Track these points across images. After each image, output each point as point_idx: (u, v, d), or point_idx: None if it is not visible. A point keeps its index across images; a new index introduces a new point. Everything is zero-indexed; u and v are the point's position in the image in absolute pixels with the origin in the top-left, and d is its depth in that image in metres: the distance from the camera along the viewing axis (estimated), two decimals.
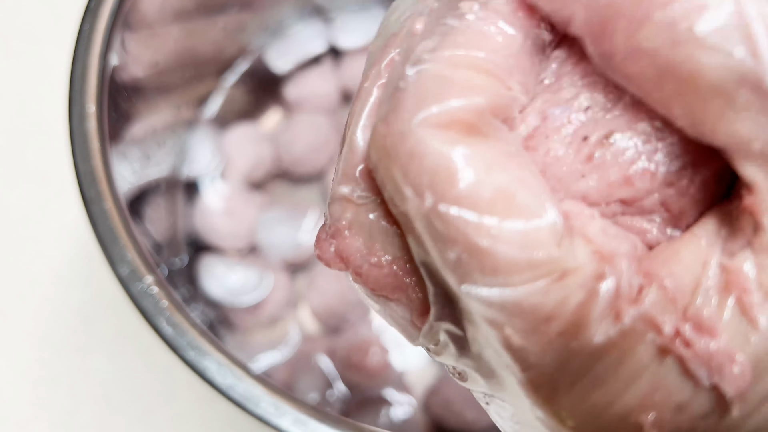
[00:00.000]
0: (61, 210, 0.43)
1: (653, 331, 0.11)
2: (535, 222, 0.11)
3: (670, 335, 0.11)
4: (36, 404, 0.40)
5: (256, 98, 0.46)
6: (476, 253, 0.11)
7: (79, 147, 0.30)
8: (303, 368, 0.40)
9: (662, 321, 0.11)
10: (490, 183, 0.11)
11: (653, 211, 0.12)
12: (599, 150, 0.12)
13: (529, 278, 0.11)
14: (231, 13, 0.41)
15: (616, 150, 0.12)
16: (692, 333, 0.11)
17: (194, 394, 0.40)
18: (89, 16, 0.31)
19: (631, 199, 0.12)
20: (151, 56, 0.37)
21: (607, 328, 0.11)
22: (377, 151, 0.12)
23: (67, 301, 0.42)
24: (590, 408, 0.11)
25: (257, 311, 0.40)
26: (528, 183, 0.11)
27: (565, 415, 0.11)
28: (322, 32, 0.45)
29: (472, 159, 0.11)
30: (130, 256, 0.29)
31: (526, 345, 0.11)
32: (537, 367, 0.11)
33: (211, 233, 0.41)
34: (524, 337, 0.11)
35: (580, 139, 0.12)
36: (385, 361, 0.39)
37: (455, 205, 0.11)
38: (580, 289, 0.11)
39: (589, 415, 0.11)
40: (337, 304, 0.40)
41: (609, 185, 0.12)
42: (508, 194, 0.11)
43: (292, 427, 0.27)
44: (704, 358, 0.11)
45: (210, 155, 0.43)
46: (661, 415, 0.11)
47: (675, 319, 0.11)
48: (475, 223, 0.11)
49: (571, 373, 0.11)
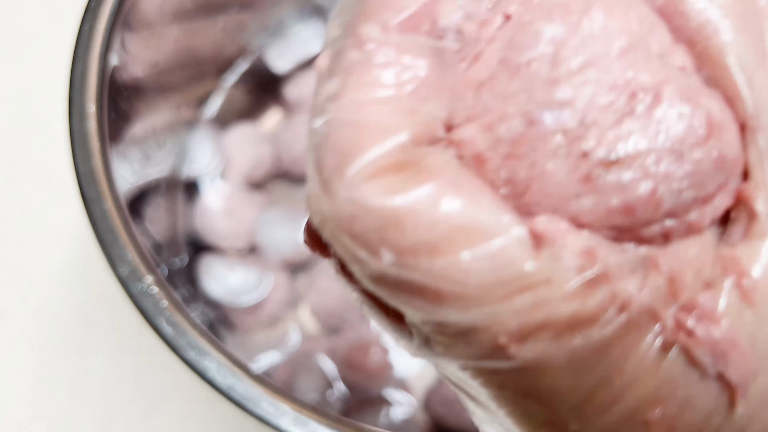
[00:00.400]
0: (61, 210, 0.43)
1: (656, 324, 0.11)
2: (500, 240, 0.10)
3: (672, 327, 0.11)
4: (36, 404, 0.40)
5: (256, 98, 0.46)
6: (450, 297, 0.10)
7: (79, 147, 0.30)
8: (303, 368, 0.40)
9: (664, 313, 0.11)
10: (442, 222, 0.10)
11: (651, 241, 0.11)
12: (600, 171, 0.11)
13: (508, 295, 0.10)
14: (231, 13, 0.41)
15: (620, 173, 0.11)
16: (694, 322, 0.11)
17: (194, 394, 0.40)
18: (89, 16, 0.31)
19: (629, 227, 0.11)
20: (151, 56, 0.37)
21: (605, 325, 0.10)
22: (318, 221, 0.11)
23: (67, 301, 0.42)
24: (596, 409, 0.11)
25: (257, 311, 0.40)
26: (479, 204, 0.11)
27: (567, 419, 0.11)
28: (322, 32, 0.45)
29: (415, 201, 0.10)
30: (130, 256, 0.29)
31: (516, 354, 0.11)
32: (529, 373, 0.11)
33: (211, 233, 0.41)
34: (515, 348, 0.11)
35: (578, 154, 0.11)
36: (385, 361, 0.39)
37: (411, 257, 0.10)
38: (569, 292, 0.10)
39: (595, 415, 0.11)
40: (337, 304, 0.40)
41: (607, 211, 0.11)
42: (463, 224, 0.10)
43: (292, 427, 0.27)
44: (709, 345, 0.11)
45: (210, 155, 0.43)
46: (668, 410, 0.11)
47: (676, 311, 0.11)
48: (441, 267, 0.10)
49: (572, 376, 0.11)
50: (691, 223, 0.11)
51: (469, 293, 0.10)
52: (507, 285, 0.10)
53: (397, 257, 0.10)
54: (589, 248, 0.11)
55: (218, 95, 0.44)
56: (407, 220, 0.10)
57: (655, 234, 0.11)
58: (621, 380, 0.11)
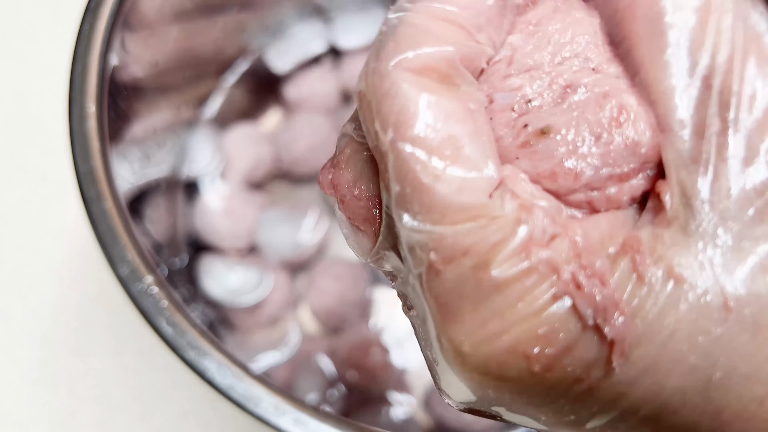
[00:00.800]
0: (61, 210, 0.43)
1: (553, 275, 0.12)
2: (475, 173, 0.12)
3: (566, 280, 0.12)
4: (36, 404, 0.40)
5: (256, 98, 0.46)
6: (418, 188, 0.12)
7: (79, 147, 0.30)
8: (303, 368, 0.40)
9: (563, 268, 0.12)
10: (444, 131, 0.12)
11: (578, 206, 0.14)
12: (534, 140, 0.13)
13: (459, 219, 0.12)
14: (231, 13, 0.41)
15: (549, 144, 0.13)
16: (585, 279, 0.12)
17: (194, 394, 0.40)
18: (89, 16, 0.31)
19: (555, 192, 0.13)
20: (151, 56, 0.37)
21: (513, 266, 0.12)
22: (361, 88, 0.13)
23: (67, 301, 0.42)
24: (485, 335, 0.12)
25: (257, 311, 0.40)
26: (478, 139, 0.13)
27: (462, 338, 0.12)
28: (322, 32, 0.45)
29: (435, 107, 0.12)
30: (130, 256, 0.29)
31: (442, 272, 0.12)
32: (446, 293, 0.13)
33: (211, 233, 0.41)
34: (441, 265, 0.12)
35: (521, 125, 0.14)
36: (385, 361, 0.39)
37: (409, 143, 0.12)
38: (499, 231, 0.12)
39: (483, 341, 0.12)
40: (337, 304, 0.40)
41: (538, 174, 0.13)
42: (458, 144, 0.12)
43: (292, 427, 0.27)
44: (591, 299, 0.12)
45: (210, 155, 0.43)
46: (548, 351, 0.12)
47: (574, 268, 0.12)
48: (423, 162, 0.12)
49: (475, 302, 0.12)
50: (610, 197, 0.13)
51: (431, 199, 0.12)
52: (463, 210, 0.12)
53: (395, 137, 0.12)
54: (531, 203, 0.13)
55: (218, 95, 0.44)
56: (420, 116, 0.12)
57: (580, 201, 0.13)
58: (512, 315, 0.12)
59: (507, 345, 0.12)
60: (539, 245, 0.12)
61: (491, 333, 0.12)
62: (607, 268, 0.12)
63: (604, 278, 0.12)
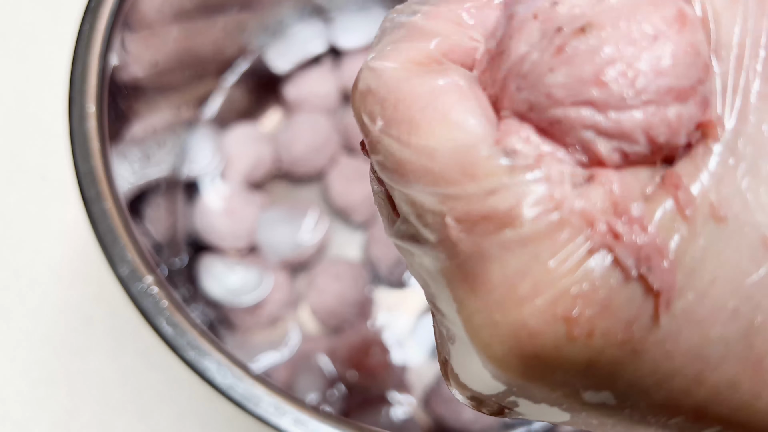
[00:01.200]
0: (61, 210, 0.43)
1: (588, 227, 0.11)
2: (465, 134, 0.12)
3: (602, 231, 0.11)
4: (36, 404, 0.40)
5: (256, 98, 0.46)
6: (418, 170, 0.12)
7: (79, 147, 0.30)
8: (303, 368, 0.40)
9: (598, 218, 0.11)
10: (429, 105, 0.12)
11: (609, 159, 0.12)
12: (573, 41, 0.11)
13: (466, 181, 0.12)
14: (231, 13, 0.41)
15: (592, 43, 0.11)
16: (623, 227, 0.11)
17: (194, 394, 0.40)
18: (89, 16, 0.31)
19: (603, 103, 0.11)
20: (151, 56, 0.37)
21: (541, 220, 0.11)
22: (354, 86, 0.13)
23: (67, 301, 0.42)
24: (516, 300, 0.11)
25: (257, 311, 0.40)
26: (465, 103, 0.12)
27: (492, 306, 0.11)
28: (322, 32, 0.45)
29: (419, 86, 0.12)
30: (130, 256, 0.29)
31: (460, 239, 0.12)
32: (468, 261, 0.12)
33: (211, 233, 0.41)
34: (458, 232, 0.12)
35: (553, 29, 0.12)
36: (386, 361, 0.39)
37: (397, 129, 0.12)
38: (516, 187, 0.11)
39: (514, 307, 0.11)
40: (337, 304, 0.40)
41: (580, 82, 0.11)
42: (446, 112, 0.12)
43: (292, 427, 0.27)
44: (633, 248, 0.11)
45: (210, 155, 0.43)
46: (588, 311, 0.11)
47: (610, 218, 0.11)
48: (416, 145, 0.12)
49: (501, 265, 0.11)
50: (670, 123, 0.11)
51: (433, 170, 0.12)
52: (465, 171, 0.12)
53: (385, 125, 0.12)
54: (540, 153, 0.11)
55: (218, 95, 0.44)
56: (406, 98, 0.12)
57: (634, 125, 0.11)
58: (545, 276, 0.11)
59: (541, 308, 0.11)
60: (568, 196, 0.11)
61: (523, 296, 0.11)
62: (645, 212, 0.11)
63: (643, 223, 0.11)
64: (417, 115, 0.12)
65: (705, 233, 0.11)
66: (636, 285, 0.11)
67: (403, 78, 0.12)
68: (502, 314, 0.11)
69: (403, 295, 0.42)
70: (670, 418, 0.12)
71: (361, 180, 0.42)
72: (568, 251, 0.11)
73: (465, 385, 0.13)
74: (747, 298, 0.11)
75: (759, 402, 0.12)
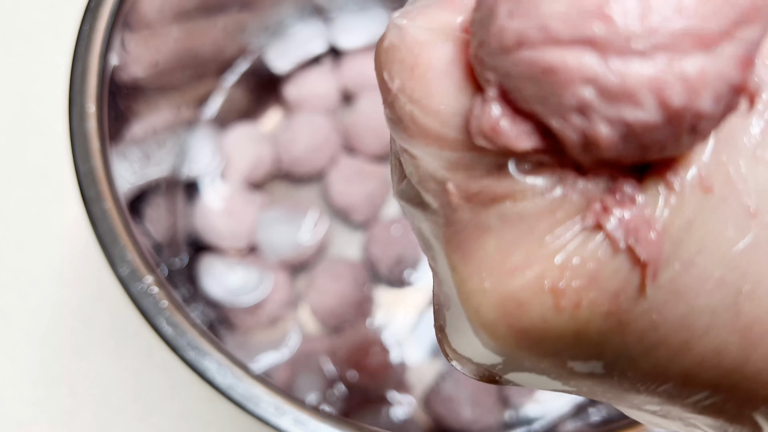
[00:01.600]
0: (61, 210, 0.43)
1: (586, 205, 0.11)
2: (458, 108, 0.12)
3: (597, 210, 0.11)
4: (36, 404, 0.40)
5: (256, 98, 0.46)
6: (427, 133, 0.12)
7: (79, 147, 0.30)
8: (303, 368, 0.40)
9: (596, 197, 0.11)
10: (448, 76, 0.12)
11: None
12: None
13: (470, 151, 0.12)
14: (231, 13, 0.41)
15: None
16: (612, 201, 0.11)
17: (194, 394, 0.40)
18: (89, 16, 0.31)
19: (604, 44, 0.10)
20: (151, 56, 0.37)
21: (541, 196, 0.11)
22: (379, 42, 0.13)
23: (67, 301, 0.42)
24: (507, 270, 0.11)
25: (257, 311, 0.40)
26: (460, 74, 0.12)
27: (483, 274, 0.12)
28: (322, 32, 0.45)
29: (438, 53, 0.12)
30: (130, 256, 0.29)
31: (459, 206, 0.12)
32: (464, 229, 0.12)
33: (211, 233, 0.41)
34: (458, 199, 0.12)
35: None
36: (385, 361, 0.39)
37: (411, 90, 0.12)
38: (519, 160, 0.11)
39: (504, 276, 0.11)
40: (337, 304, 0.40)
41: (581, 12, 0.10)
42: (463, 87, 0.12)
43: (292, 427, 0.27)
44: (621, 220, 0.11)
45: (210, 155, 0.43)
46: (575, 283, 0.11)
47: (604, 195, 0.11)
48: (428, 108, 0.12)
49: (497, 236, 0.12)
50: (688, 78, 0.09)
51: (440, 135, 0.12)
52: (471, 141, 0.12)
53: (401, 85, 0.12)
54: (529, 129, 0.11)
55: (218, 95, 0.44)
56: (424, 62, 0.12)
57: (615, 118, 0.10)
58: (538, 249, 0.11)
59: (530, 279, 0.11)
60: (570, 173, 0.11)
61: (514, 267, 0.11)
62: (635, 184, 0.11)
63: (633, 195, 0.11)
64: (432, 81, 0.12)
65: (692, 204, 0.11)
66: (623, 257, 0.11)
67: (425, 42, 0.12)
68: (492, 283, 0.12)
69: (403, 294, 0.42)
70: (659, 386, 0.12)
71: (361, 180, 0.42)
72: (565, 228, 0.11)
73: (457, 351, 0.13)
74: (733, 267, 0.11)
75: (747, 366, 0.12)
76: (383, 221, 0.42)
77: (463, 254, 0.12)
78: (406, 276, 0.42)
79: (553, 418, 0.40)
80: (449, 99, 0.12)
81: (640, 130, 0.10)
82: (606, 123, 0.10)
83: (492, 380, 0.14)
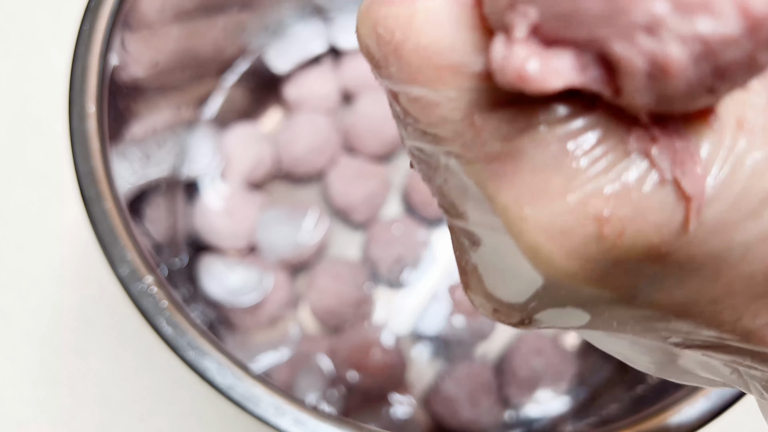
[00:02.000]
0: (61, 210, 0.43)
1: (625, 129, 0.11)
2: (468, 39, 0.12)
3: (640, 134, 0.11)
4: (36, 404, 0.40)
5: (256, 98, 0.46)
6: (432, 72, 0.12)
7: (79, 147, 0.30)
8: (303, 368, 0.40)
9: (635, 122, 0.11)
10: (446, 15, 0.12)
11: None
12: None
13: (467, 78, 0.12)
14: (231, 13, 0.41)
15: None
16: (658, 131, 0.11)
17: (194, 394, 0.40)
18: (89, 16, 0.31)
19: None
20: (151, 56, 0.37)
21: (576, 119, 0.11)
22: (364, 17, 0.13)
23: (67, 301, 0.42)
24: (547, 194, 0.11)
25: (257, 311, 0.40)
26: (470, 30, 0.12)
27: (523, 200, 0.11)
28: (322, 32, 0.45)
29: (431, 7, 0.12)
30: (130, 256, 0.29)
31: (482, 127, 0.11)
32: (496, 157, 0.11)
33: (211, 233, 0.41)
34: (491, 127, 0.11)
35: None
36: (385, 361, 0.39)
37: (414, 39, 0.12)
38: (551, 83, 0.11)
39: (545, 201, 0.11)
40: (337, 304, 0.40)
41: None
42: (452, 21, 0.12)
43: (292, 427, 0.27)
44: (670, 150, 0.11)
45: (210, 155, 0.43)
46: (620, 211, 0.11)
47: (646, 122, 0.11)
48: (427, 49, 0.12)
49: (533, 161, 0.11)
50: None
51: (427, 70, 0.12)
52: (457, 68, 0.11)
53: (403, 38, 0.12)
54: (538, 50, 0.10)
55: (218, 95, 0.44)
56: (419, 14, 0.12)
57: None
58: (578, 174, 0.11)
59: (572, 205, 0.11)
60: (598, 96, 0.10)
61: (554, 192, 0.11)
62: (682, 125, 0.11)
63: (679, 131, 0.11)
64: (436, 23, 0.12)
65: (733, 145, 0.11)
66: (669, 189, 0.11)
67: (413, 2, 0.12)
68: (532, 209, 0.11)
69: (403, 294, 0.42)
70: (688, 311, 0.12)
71: (361, 180, 0.42)
72: (603, 150, 0.11)
73: (489, 292, 0.13)
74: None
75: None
76: (383, 221, 0.42)
77: (499, 183, 0.12)
78: (406, 276, 0.42)
79: (553, 418, 0.40)
80: (461, 36, 0.12)
81: (716, 47, 0.09)
82: (679, 41, 0.09)
83: (521, 323, 0.14)
